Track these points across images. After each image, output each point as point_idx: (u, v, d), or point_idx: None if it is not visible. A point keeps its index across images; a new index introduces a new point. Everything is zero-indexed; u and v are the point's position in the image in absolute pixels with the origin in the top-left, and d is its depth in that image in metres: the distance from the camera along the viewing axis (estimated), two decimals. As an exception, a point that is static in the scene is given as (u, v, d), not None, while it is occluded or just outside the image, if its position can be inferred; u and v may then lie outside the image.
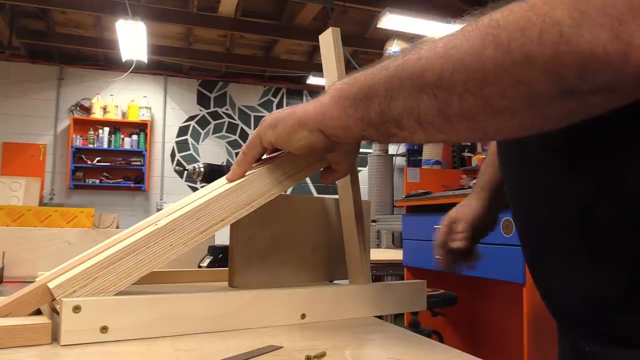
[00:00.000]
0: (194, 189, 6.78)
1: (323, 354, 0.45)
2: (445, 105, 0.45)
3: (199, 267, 1.03)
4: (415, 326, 2.37)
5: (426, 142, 0.56)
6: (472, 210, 1.02)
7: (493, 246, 2.13)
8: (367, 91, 0.52)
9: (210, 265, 1.01)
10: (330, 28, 0.80)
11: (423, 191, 2.83)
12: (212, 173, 1.04)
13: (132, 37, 5.16)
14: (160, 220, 0.57)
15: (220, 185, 0.67)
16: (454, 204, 2.34)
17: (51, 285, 0.50)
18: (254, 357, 0.45)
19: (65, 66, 6.67)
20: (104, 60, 6.72)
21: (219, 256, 1.00)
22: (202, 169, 1.05)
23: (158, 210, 6.54)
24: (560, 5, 0.38)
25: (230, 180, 0.68)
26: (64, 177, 6.52)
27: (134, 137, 6.69)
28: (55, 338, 0.48)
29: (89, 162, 6.52)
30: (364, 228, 0.86)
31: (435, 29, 4.81)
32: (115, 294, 0.52)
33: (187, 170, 1.14)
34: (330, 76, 0.79)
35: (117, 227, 3.16)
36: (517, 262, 1.97)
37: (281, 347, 0.48)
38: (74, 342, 0.47)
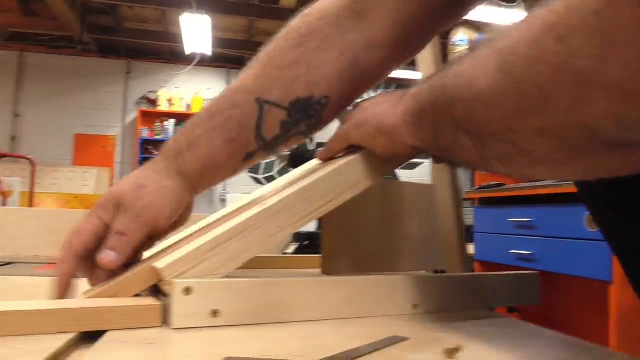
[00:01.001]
0: (256, 180, 6.85)
1: (459, 348, 0.40)
2: (480, 145, 0.38)
3: (284, 253, 1.00)
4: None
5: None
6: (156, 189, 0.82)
7: (576, 241, 2.01)
8: (422, 115, 0.47)
9: (296, 252, 0.98)
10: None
11: (496, 182, 2.72)
12: (298, 157, 1.00)
13: (196, 31, 5.24)
14: (266, 200, 0.54)
15: (316, 167, 0.63)
16: (531, 197, 2.23)
17: (159, 265, 0.48)
18: (382, 347, 0.40)
19: (132, 60, 6.87)
20: (169, 54, 6.88)
21: (305, 243, 0.97)
22: (287, 153, 1.02)
23: (221, 200, 6.67)
24: (580, 29, 0.27)
25: (324, 159, 0.64)
26: (132, 168, 6.73)
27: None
28: (163, 321, 0.46)
29: (156, 153, 6.62)
30: (462, 215, 0.80)
31: (503, 16, 4.63)
32: (223, 277, 0.50)
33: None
34: (424, 63, 0.74)
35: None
36: (603, 258, 1.85)
37: (407, 339, 0.44)
38: (184, 325, 0.45)
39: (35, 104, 6.60)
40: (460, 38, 5.03)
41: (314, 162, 0.68)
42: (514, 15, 4.62)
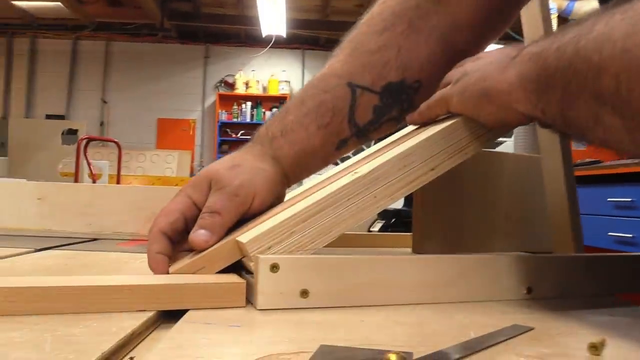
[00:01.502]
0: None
1: (604, 342, 0.32)
2: (633, 126, 0.31)
3: (369, 231, 0.94)
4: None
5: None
6: (255, 183, 0.75)
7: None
8: (546, 79, 0.39)
9: (382, 230, 0.91)
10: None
11: (592, 160, 2.51)
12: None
13: (272, 12, 5.24)
14: (359, 168, 0.48)
15: (410, 133, 0.56)
16: (632, 174, 2.04)
17: (243, 239, 0.43)
18: (506, 339, 0.34)
19: (210, 45, 7.01)
20: (245, 37, 6.95)
21: (392, 220, 0.91)
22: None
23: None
24: None
25: (418, 123, 0.57)
26: (211, 150, 6.91)
27: (275, 110, 6.88)
28: (248, 301, 0.41)
29: (234, 136, 6.83)
30: (575, 189, 0.71)
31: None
32: (312, 254, 0.44)
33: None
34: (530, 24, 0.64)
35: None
36: None
37: (532, 328, 0.37)
38: (271, 306, 0.40)
39: (121, 91, 6.90)
40: (550, 6, 4.71)
41: (406, 130, 0.61)
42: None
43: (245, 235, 0.44)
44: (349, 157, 0.69)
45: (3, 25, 6.60)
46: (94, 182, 3.60)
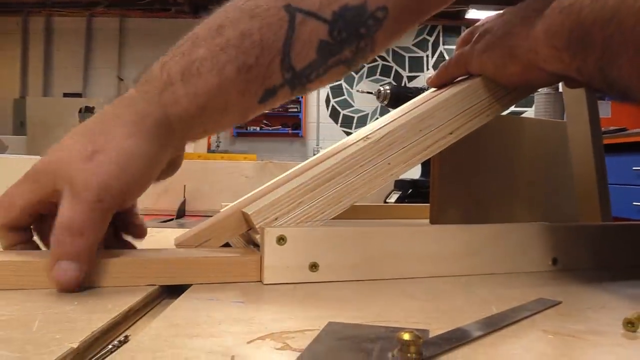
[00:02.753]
0: (349, 135, 6.77)
1: (640, 317, 0.29)
2: None
3: (385, 202, 0.91)
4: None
5: None
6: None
7: None
8: (582, 34, 0.35)
9: (398, 201, 0.88)
10: None
11: (616, 127, 2.44)
12: (399, 96, 0.90)
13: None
14: (371, 134, 0.45)
15: (427, 97, 0.53)
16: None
17: (249, 210, 0.41)
18: (532, 314, 0.31)
19: (224, 18, 6.94)
20: (259, 10, 6.86)
21: (409, 191, 0.88)
22: (388, 91, 0.92)
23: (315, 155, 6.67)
24: None
25: (436, 85, 0.54)
26: (228, 126, 6.89)
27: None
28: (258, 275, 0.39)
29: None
30: (602, 156, 0.67)
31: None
32: (321, 225, 0.42)
33: (372, 93, 1.01)
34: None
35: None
36: None
37: (559, 302, 0.34)
38: (278, 280, 0.38)
39: (136, 68, 6.87)
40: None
41: (423, 95, 0.58)
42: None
43: (251, 207, 0.41)
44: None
45: (18, 4, 6.61)
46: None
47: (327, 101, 6.96)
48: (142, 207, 1.00)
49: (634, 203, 2.10)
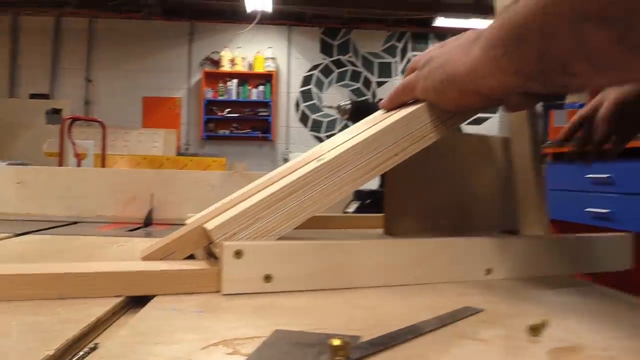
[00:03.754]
0: (318, 139, 6.83)
1: (545, 323, 0.34)
2: (624, 32, 0.31)
3: (344, 212, 0.96)
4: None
5: (610, 86, 0.40)
6: (621, 90, 0.77)
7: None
8: (518, 33, 0.39)
9: (357, 211, 0.93)
10: None
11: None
12: (360, 110, 0.95)
13: (257, -13, 5.18)
14: (323, 155, 0.49)
15: (378, 118, 0.57)
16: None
17: (209, 226, 0.44)
18: (454, 321, 0.36)
19: (195, 21, 6.91)
20: (230, 14, 6.86)
21: (367, 201, 0.92)
22: (348, 106, 0.97)
23: (284, 160, 6.70)
24: None
25: (387, 108, 0.58)
26: (197, 129, 6.87)
27: (261, 88, 6.83)
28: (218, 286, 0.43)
29: (220, 114, 6.80)
30: (542, 171, 0.72)
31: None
32: (277, 239, 0.46)
33: (333, 108, 1.06)
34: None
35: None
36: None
37: (482, 310, 0.39)
38: (235, 291, 0.42)
39: (106, 69, 6.81)
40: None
41: (376, 114, 0.62)
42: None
43: (211, 222, 0.45)
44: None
45: (-18, 2, 6.47)
46: (79, 162, 3.59)
47: (297, 105, 7.00)
48: (109, 215, 1.03)
49: (587, 209, 2.20)
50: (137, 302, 0.40)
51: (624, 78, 0.37)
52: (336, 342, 0.26)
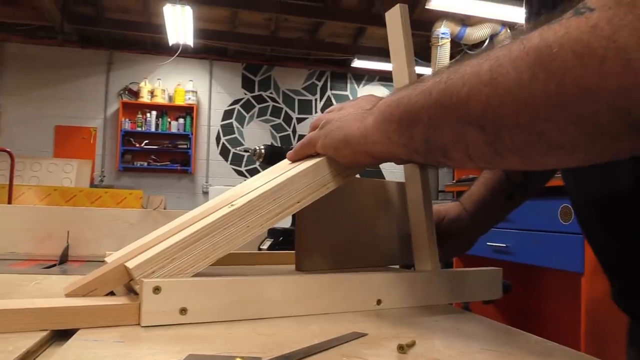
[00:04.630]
0: (239, 172, 6.85)
1: (413, 343, 0.42)
2: (494, 139, 0.41)
3: (259, 249, 1.02)
4: (465, 313, 2.32)
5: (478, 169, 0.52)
6: (445, 208, 0.91)
7: (550, 234, 2.06)
8: (411, 117, 0.48)
9: (270, 248, 1.00)
10: (398, 5, 0.76)
11: (475, 176, 2.75)
12: (273, 155, 1.02)
13: (178, 21, 5.21)
14: (235, 201, 0.56)
15: (285, 167, 0.65)
16: (507, 190, 2.25)
17: (130, 265, 0.50)
18: (341, 343, 0.43)
19: (114, 51, 6.80)
20: (151, 45, 6.82)
21: (280, 239, 0.99)
22: (262, 151, 1.04)
23: (204, 193, 6.65)
24: (627, 27, 0.31)
25: (292, 160, 0.66)
26: (113, 160, 6.69)
27: (181, 120, 6.79)
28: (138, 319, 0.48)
29: (137, 145, 6.66)
30: (432, 213, 0.82)
31: (485, 9, 4.67)
32: (192, 276, 0.51)
33: (249, 152, 1.13)
34: (397, 58, 0.75)
35: (164, 209, 3.20)
36: (576, 250, 1.90)
37: (366, 335, 0.46)
38: (154, 323, 0.47)
39: (16, 95, 6.51)
40: (443, 31, 5.06)
41: (283, 163, 0.70)
42: (498, 10, 4.65)
43: (132, 261, 0.50)
44: (258, 170, 0.76)
45: None
46: (-18, 193, 3.40)
47: (218, 139, 7.00)
48: (24, 251, 1.03)
49: (487, 243, 2.39)
50: (61, 335, 0.44)
51: (490, 168, 0.47)
52: (238, 360, 0.33)
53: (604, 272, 0.68)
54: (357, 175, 0.76)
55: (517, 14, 4.62)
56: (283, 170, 0.62)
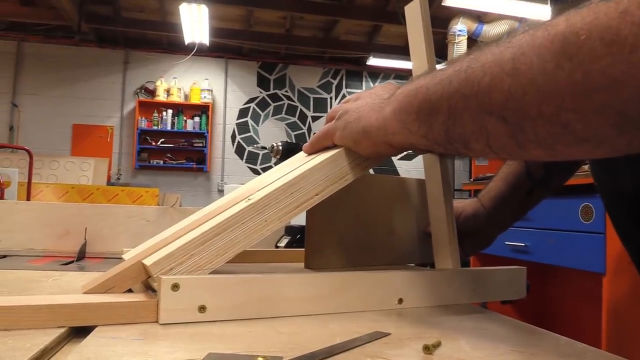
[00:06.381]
0: (254, 170, 6.87)
1: (438, 344, 0.41)
2: (516, 131, 0.39)
3: (276, 247, 1.01)
4: (482, 313, 2.30)
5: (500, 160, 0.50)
6: (462, 205, 0.89)
7: (570, 233, 2.02)
8: (430, 107, 0.47)
9: (287, 245, 0.99)
10: (418, -3, 0.75)
11: (493, 174, 2.72)
12: (290, 151, 1.01)
13: (194, 20, 5.23)
14: (252, 195, 0.55)
15: (302, 160, 0.64)
16: (526, 188, 2.23)
17: (147, 262, 0.49)
18: (364, 343, 0.42)
19: (130, 50, 6.85)
20: (167, 44, 6.85)
21: (297, 237, 0.98)
22: (280, 147, 1.03)
23: (219, 191, 6.67)
24: None
25: (309, 152, 0.65)
26: (130, 158, 6.74)
27: (196, 119, 6.82)
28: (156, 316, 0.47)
29: (154, 144, 6.71)
30: (452, 209, 0.81)
31: (502, 6, 4.61)
32: (209, 273, 0.51)
33: (267, 149, 1.12)
34: (417, 54, 0.74)
35: (180, 206, 3.21)
36: (598, 250, 1.86)
37: (389, 334, 0.45)
38: (172, 320, 0.46)
39: (34, 94, 6.59)
40: (460, 28, 5.01)
41: (299, 156, 0.69)
42: (515, 7, 4.60)
43: (149, 258, 0.50)
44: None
45: None
46: (2, 190, 3.44)
47: (233, 137, 7.02)
48: (41, 248, 1.03)
49: (506, 242, 2.36)
50: (78, 332, 0.43)
51: (512, 159, 0.45)
52: (260, 359, 0.31)
53: (633, 263, 0.66)
54: (371, 172, 0.75)
55: (535, 11, 4.56)
56: (300, 163, 0.61)
